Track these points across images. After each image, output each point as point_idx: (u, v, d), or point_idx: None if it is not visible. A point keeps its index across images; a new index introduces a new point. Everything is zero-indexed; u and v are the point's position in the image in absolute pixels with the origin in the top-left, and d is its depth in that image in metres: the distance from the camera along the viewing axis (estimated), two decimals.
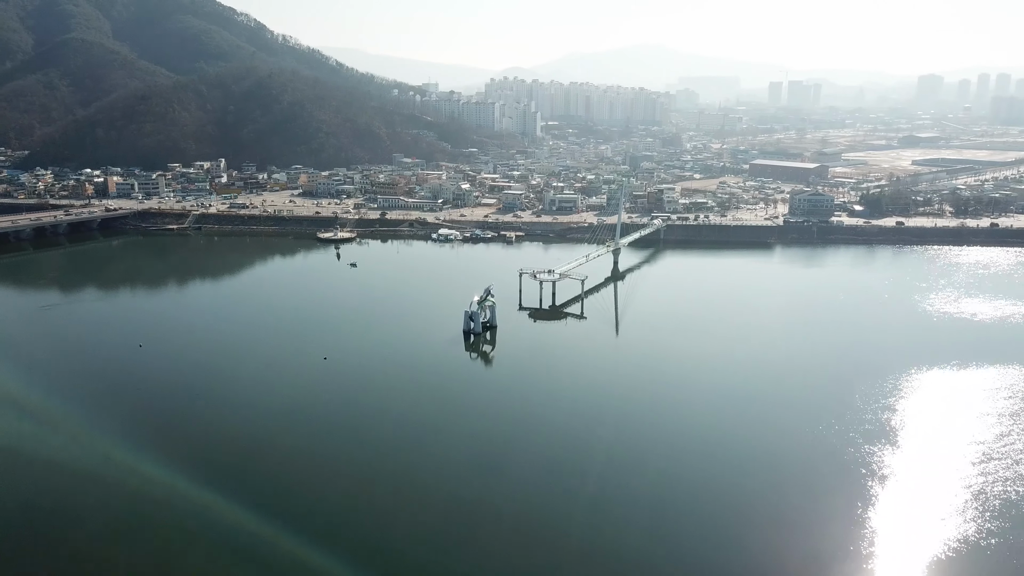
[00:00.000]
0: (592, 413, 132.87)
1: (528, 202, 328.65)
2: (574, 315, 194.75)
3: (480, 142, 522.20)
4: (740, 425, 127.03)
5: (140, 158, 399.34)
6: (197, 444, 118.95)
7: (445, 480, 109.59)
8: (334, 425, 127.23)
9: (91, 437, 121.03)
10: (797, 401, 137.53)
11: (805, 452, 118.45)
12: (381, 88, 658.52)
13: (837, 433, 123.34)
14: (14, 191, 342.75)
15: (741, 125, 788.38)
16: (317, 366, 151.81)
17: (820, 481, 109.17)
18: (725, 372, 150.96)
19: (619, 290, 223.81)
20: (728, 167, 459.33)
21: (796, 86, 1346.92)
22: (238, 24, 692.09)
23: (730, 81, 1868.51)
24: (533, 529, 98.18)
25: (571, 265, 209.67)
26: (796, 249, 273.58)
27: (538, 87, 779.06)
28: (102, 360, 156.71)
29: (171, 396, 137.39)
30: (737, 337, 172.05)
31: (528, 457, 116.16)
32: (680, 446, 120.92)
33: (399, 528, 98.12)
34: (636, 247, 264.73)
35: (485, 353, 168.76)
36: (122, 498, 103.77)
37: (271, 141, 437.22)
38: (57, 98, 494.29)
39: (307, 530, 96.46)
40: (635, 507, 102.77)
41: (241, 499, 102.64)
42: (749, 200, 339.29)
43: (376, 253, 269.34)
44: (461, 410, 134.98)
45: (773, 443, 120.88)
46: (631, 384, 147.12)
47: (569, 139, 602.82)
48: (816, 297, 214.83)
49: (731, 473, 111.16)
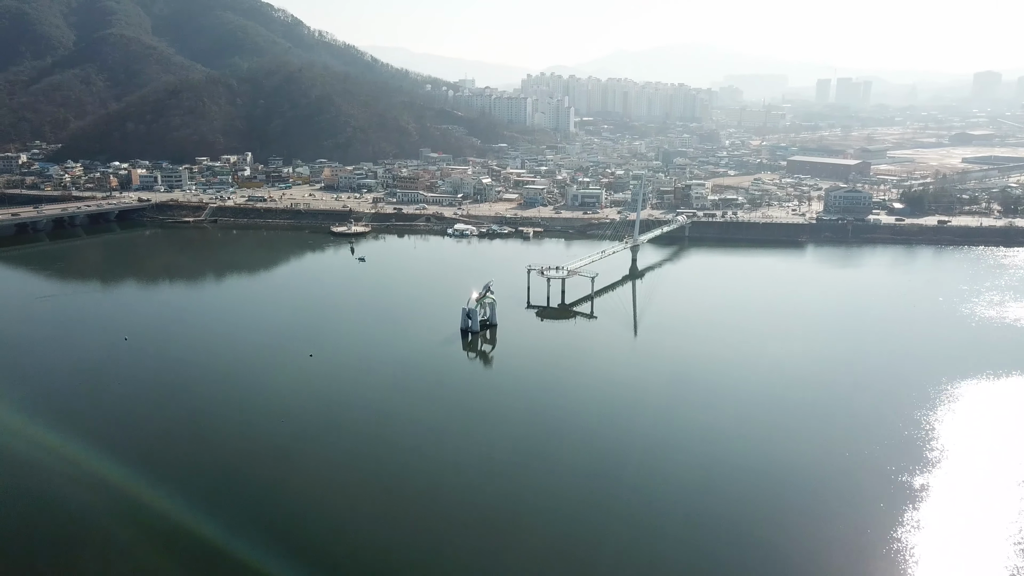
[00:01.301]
0: (595, 417, 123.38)
1: (551, 197, 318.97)
2: (584, 314, 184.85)
3: (511, 137, 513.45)
4: (771, 436, 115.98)
5: (169, 151, 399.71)
6: (169, 441, 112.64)
7: (430, 483, 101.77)
8: (310, 424, 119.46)
9: (64, 431, 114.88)
10: (832, 412, 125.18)
11: (844, 467, 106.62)
12: (415, 84, 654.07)
13: (877, 447, 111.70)
14: (41, 183, 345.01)
15: (784, 122, 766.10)
16: (303, 363, 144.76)
17: (863, 500, 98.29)
18: (751, 379, 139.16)
19: (637, 289, 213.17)
20: (765, 164, 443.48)
21: (845, 83, 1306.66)
22: (275, 20, 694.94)
23: (777, 79, 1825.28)
24: (540, 541, 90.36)
25: (583, 262, 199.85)
26: (829, 248, 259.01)
27: (575, 83, 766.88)
28: (85, 352, 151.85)
29: (151, 391, 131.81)
30: (764, 341, 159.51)
31: (521, 459, 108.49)
32: (708, 456, 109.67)
33: (387, 532, 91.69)
34: (659, 244, 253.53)
35: (484, 353, 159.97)
36: (91, 498, 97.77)
37: (298, 135, 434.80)
38: (93, 92, 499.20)
39: (282, 533, 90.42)
40: (667, 518, 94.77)
41: (217, 502, 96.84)
42: (783, 197, 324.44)
43: (389, 247, 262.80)
44: (454, 412, 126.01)
45: (809, 457, 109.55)
46: (644, 387, 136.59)
47: (603, 135, 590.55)
48: (850, 299, 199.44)
49: (766, 488, 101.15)
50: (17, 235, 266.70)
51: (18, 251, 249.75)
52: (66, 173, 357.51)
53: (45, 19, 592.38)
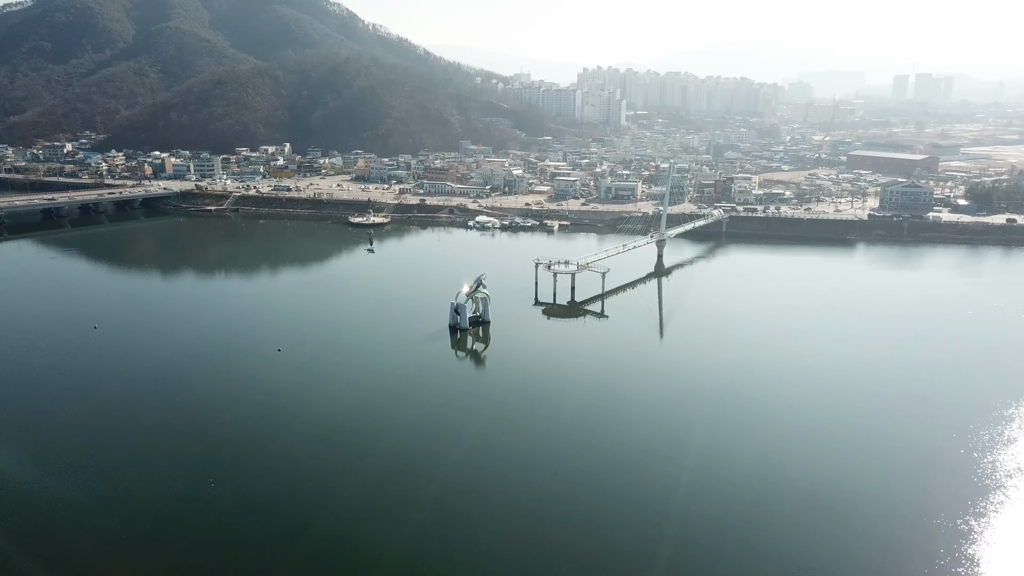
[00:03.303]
0: (595, 422, 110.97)
1: (584, 190, 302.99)
2: (594, 313, 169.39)
3: (557, 130, 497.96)
4: (822, 457, 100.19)
5: (211, 141, 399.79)
6: (121, 434, 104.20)
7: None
8: (267, 424, 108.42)
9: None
10: (886, 431, 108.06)
11: (906, 492, 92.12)
12: (466, 77, 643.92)
13: (938, 471, 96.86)
14: (79, 171, 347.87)
15: (853, 118, 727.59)
16: (270, 358, 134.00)
17: (931, 533, 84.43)
18: (791, 391, 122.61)
19: (663, 287, 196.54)
20: (824, 159, 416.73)
21: (924, 80, 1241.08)
22: (329, 13, 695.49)
23: (853, 76, 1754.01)
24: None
25: (598, 256, 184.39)
26: (882, 248, 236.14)
27: (632, 77, 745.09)
28: (55, 341, 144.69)
29: (115, 382, 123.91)
30: (803, 349, 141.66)
31: (507, 468, 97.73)
32: (753, 482, 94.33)
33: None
34: (693, 240, 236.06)
35: (475, 352, 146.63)
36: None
37: (339, 126, 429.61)
38: (145, 84, 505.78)
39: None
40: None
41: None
42: (837, 193, 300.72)
43: (404, 239, 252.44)
44: (429, 416, 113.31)
45: (868, 483, 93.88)
46: (663, 398, 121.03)
47: (655, 129, 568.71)
48: (905, 303, 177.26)
49: (819, 515, 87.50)
50: (43, 221, 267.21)
51: (38, 236, 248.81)
52: (104, 162, 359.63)
53: (108, 13, 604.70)
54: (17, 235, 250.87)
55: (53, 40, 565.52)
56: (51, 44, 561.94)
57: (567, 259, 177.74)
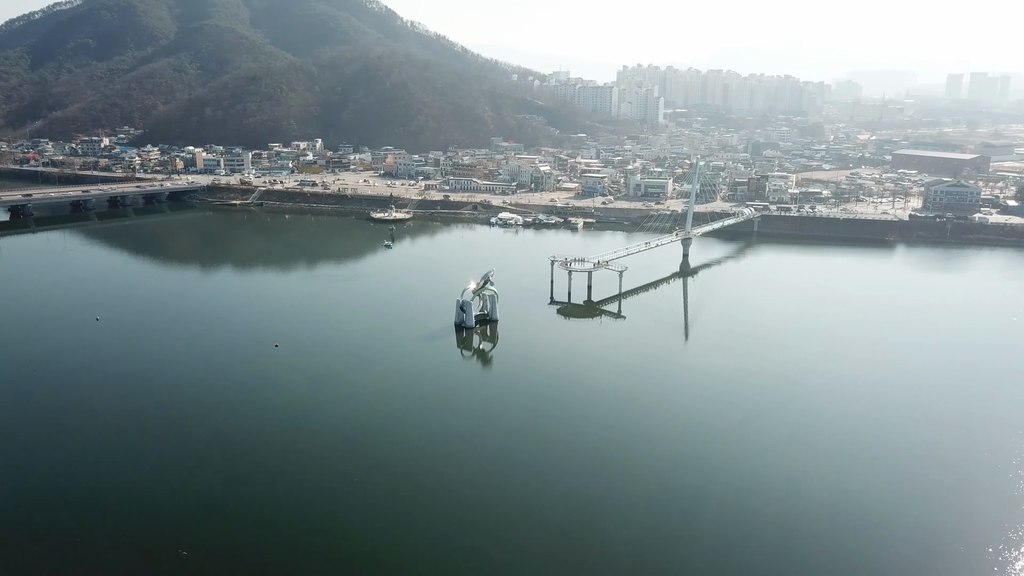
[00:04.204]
0: (602, 428, 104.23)
1: (614, 187, 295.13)
2: (610, 313, 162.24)
3: (591, 127, 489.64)
4: (860, 480, 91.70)
5: (244, 137, 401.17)
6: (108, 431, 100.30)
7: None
8: (258, 424, 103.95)
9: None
10: (931, 452, 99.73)
11: (952, 525, 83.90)
12: (503, 74, 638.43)
13: (987, 504, 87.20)
14: (113, 165, 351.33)
15: (901, 117, 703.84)
16: (267, 355, 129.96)
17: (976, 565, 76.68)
18: (825, 404, 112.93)
19: (688, 287, 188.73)
20: (868, 158, 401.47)
21: (979, 79, 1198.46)
22: (368, 11, 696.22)
23: (904, 76, 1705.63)
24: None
25: (617, 254, 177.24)
26: (923, 249, 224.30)
27: (672, 75, 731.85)
28: (61, 331, 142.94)
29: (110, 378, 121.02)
30: (835, 357, 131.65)
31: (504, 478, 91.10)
32: (786, 504, 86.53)
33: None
34: (721, 239, 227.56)
35: (481, 352, 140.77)
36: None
37: (370, 122, 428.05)
38: (183, 80, 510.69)
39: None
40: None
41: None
42: (879, 192, 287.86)
43: (424, 235, 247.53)
44: (436, 416, 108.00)
45: (907, 509, 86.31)
46: (684, 405, 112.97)
47: (693, 127, 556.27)
48: (945, 310, 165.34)
49: (860, 544, 79.09)
50: (72, 213, 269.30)
51: (60, 229, 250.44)
52: (137, 156, 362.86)
53: (151, 11, 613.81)
54: (45, 227, 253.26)
55: (98, 37, 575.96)
56: (95, 41, 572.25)
57: (586, 257, 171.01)
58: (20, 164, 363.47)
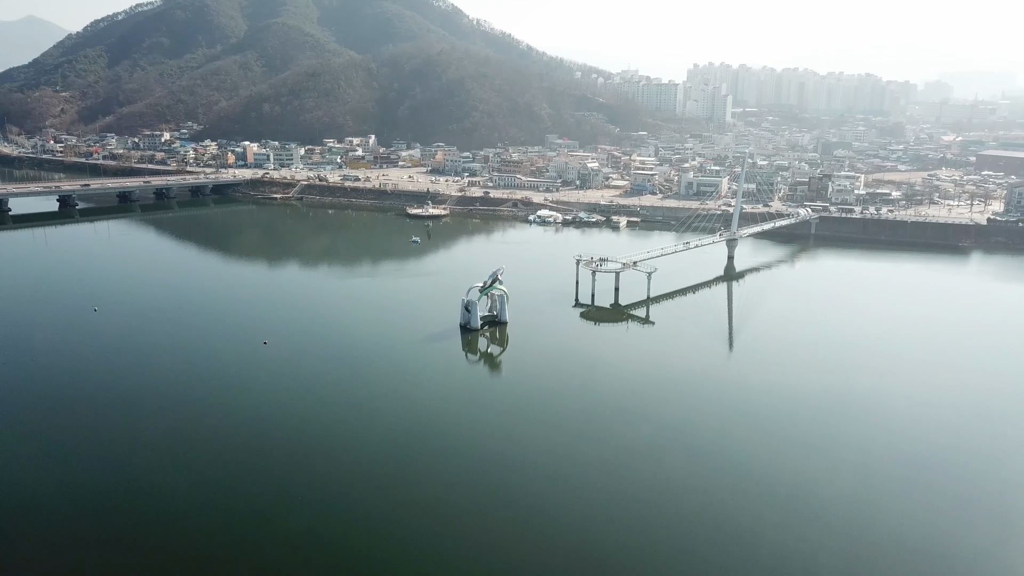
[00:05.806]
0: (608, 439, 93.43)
1: (666, 185, 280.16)
2: (638, 318, 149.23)
3: (654, 126, 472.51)
4: (919, 514, 79.54)
5: (300, 132, 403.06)
6: None
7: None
8: (250, 424, 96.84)
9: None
10: (999, 489, 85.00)
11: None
12: (567, 72, 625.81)
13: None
14: (168, 159, 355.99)
15: (993, 118, 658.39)
16: (255, 351, 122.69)
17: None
18: (885, 427, 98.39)
19: (732, 292, 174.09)
20: (949, 159, 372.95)
21: None
22: (433, 8, 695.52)
23: (1001, 77, 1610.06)
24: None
25: (651, 254, 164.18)
26: (1002, 257, 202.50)
27: (744, 73, 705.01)
28: (56, 322, 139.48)
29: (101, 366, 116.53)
30: (900, 377, 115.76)
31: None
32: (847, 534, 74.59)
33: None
34: (775, 240, 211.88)
35: (487, 355, 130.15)
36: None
37: (425, 118, 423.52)
38: (248, 77, 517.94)
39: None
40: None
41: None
42: (957, 195, 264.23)
43: (458, 231, 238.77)
44: (433, 421, 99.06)
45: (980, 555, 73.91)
46: (720, 426, 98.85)
47: (763, 126, 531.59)
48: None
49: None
50: (118, 205, 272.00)
51: (104, 219, 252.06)
52: (193, 150, 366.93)
53: (222, 11, 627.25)
54: (91, 217, 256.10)
55: (172, 36, 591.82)
56: (169, 40, 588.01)
57: (617, 257, 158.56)
58: (84, 157, 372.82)
